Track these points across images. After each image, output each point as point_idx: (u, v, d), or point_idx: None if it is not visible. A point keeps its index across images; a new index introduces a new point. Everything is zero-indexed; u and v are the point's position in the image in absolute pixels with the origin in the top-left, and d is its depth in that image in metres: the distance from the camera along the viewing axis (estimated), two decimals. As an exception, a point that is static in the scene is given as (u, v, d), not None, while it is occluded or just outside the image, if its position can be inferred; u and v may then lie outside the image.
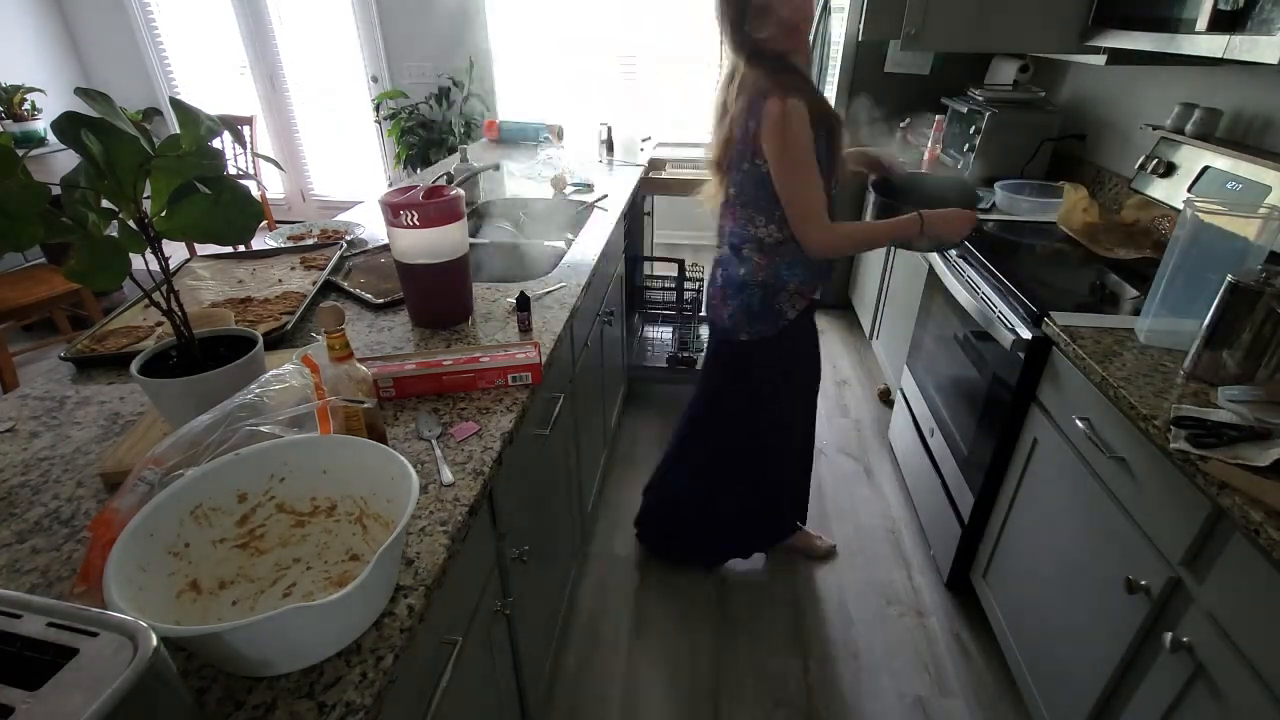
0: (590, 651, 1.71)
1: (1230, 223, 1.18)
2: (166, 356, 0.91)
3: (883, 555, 2.00)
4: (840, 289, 3.56)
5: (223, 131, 0.83)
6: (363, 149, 4.78)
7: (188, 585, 0.68)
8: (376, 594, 0.66)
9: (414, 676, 0.75)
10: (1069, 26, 1.93)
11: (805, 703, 1.58)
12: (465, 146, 2.30)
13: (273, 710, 0.59)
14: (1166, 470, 1.06)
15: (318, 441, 0.77)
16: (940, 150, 2.70)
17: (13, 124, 3.67)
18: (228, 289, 1.48)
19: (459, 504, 0.85)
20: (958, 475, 1.78)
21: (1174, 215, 1.77)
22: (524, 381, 1.11)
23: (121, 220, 0.77)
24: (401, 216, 1.18)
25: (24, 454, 0.96)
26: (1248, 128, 1.72)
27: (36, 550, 0.78)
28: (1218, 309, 1.11)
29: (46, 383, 1.14)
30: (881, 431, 2.58)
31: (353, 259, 1.68)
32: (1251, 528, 0.87)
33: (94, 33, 4.41)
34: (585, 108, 4.38)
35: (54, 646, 0.46)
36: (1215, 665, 0.95)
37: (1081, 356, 1.27)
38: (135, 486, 0.70)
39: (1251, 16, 1.24)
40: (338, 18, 4.32)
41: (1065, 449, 1.36)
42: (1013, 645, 1.54)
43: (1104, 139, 2.32)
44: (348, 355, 0.92)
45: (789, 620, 1.79)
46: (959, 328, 1.83)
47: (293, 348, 1.22)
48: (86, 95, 0.76)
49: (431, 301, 1.31)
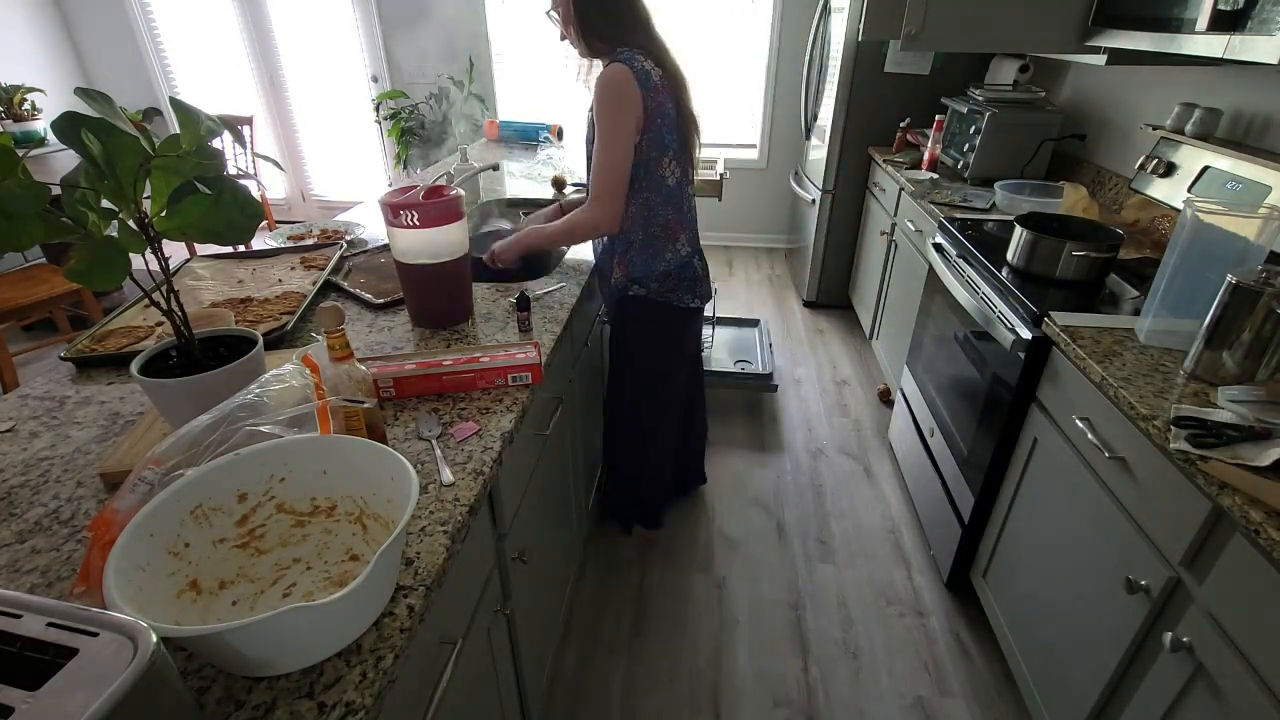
0: (590, 651, 1.71)
1: (1230, 223, 1.18)
2: (166, 356, 0.91)
3: (883, 555, 2.00)
4: (840, 289, 3.56)
5: (223, 131, 0.83)
6: (363, 149, 4.78)
7: (188, 585, 0.68)
8: (376, 594, 0.66)
9: (414, 676, 0.75)
10: (1069, 26, 1.94)
11: (805, 703, 1.58)
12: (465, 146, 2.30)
13: (273, 710, 0.60)
14: (1166, 470, 1.06)
15: (318, 441, 0.77)
16: (940, 150, 2.70)
17: (13, 124, 3.67)
18: (228, 289, 1.48)
19: (459, 504, 0.85)
20: (958, 475, 1.78)
21: (1174, 215, 1.77)
22: (524, 381, 1.11)
23: (121, 220, 0.77)
24: (401, 216, 1.18)
25: (24, 454, 0.96)
26: (1248, 128, 1.72)
27: (36, 550, 0.78)
28: (1218, 309, 1.11)
29: (46, 383, 1.14)
30: (881, 431, 2.58)
31: (353, 259, 1.68)
32: (1251, 528, 0.87)
33: (94, 33, 4.41)
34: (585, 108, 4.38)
35: (54, 646, 0.46)
36: (1215, 665, 0.95)
37: (1081, 356, 1.27)
38: (135, 486, 0.70)
39: (1251, 16, 1.24)
40: (338, 18, 4.32)
41: (1065, 449, 1.36)
42: (1013, 645, 1.54)
43: (1104, 139, 2.32)
44: (348, 355, 0.92)
45: (789, 620, 1.79)
46: (959, 328, 1.83)
47: (293, 348, 1.22)
48: (86, 95, 0.76)
49: (431, 301, 1.31)
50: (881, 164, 2.92)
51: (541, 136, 2.99)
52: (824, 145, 3.24)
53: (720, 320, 3.04)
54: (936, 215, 2.15)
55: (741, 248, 4.61)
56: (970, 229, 1.97)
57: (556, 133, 3.08)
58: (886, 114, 3.07)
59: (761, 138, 4.27)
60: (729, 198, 4.37)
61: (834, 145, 3.18)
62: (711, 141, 4.35)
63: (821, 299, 3.62)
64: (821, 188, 3.30)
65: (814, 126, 3.51)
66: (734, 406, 2.74)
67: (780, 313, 3.61)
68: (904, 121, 3.00)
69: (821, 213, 3.35)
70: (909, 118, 3.00)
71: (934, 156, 2.70)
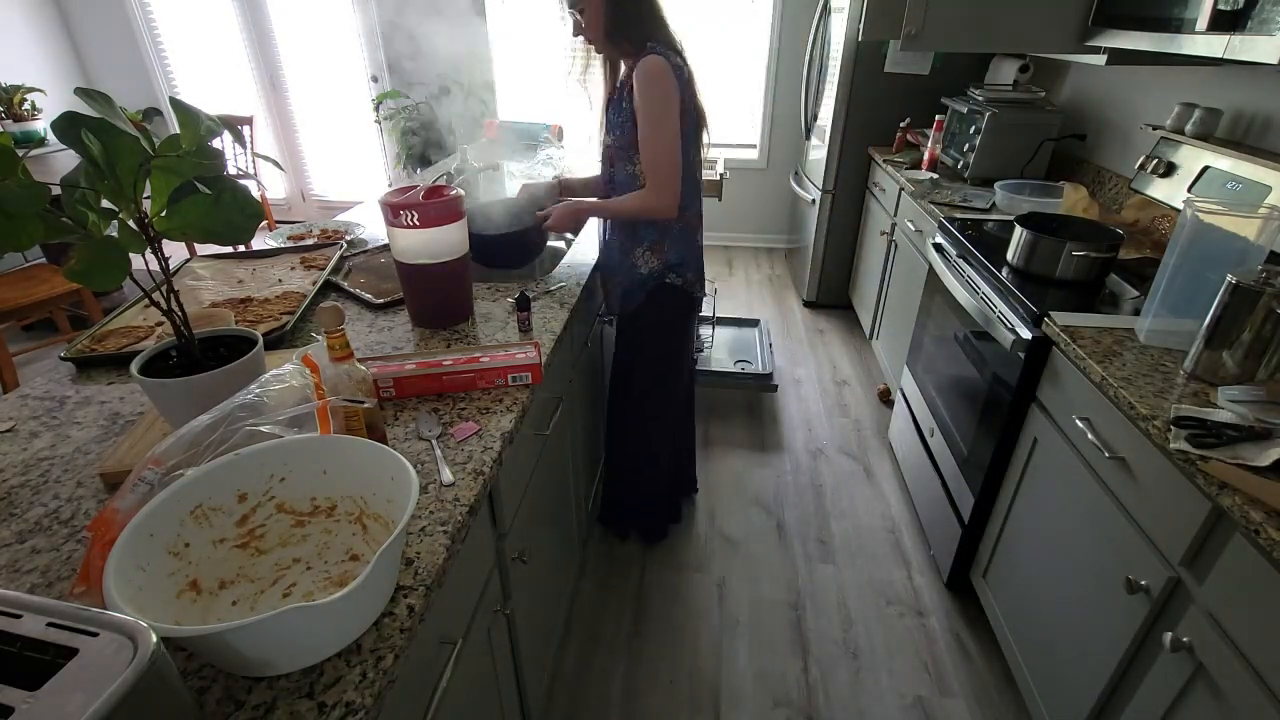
0: (590, 651, 1.71)
1: (1230, 223, 1.18)
2: (166, 356, 0.91)
3: (883, 555, 2.00)
4: (840, 289, 3.56)
5: (223, 131, 0.83)
6: (363, 149, 4.78)
7: (188, 585, 0.68)
8: (376, 594, 0.66)
9: (414, 676, 0.75)
10: (1069, 26, 1.94)
11: (805, 703, 1.58)
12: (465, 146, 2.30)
13: (273, 710, 0.59)
14: (1166, 470, 1.06)
15: (318, 441, 0.77)
16: (940, 150, 2.70)
17: (13, 124, 3.67)
18: (228, 289, 1.48)
19: (459, 504, 0.85)
20: (958, 475, 1.78)
21: (1174, 215, 1.77)
22: (524, 381, 1.11)
23: (121, 220, 0.77)
24: (401, 216, 1.18)
25: (24, 454, 0.96)
26: (1248, 128, 1.72)
27: (36, 550, 0.78)
28: (1218, 309, 1.11)
29: (46, 383, 1.14)
30: (881, 431, 2.58)
31: (353, 259, 1.68)
32: (1251, 528, 0.87)
33: (94, 33, 4.41)
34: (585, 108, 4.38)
35: (54, 646, 0.46)
36: (1215, 665, 0.95)
37: (1081, 356, 1.27)
38: (135, 486, 0.70)
39: (1251, 16, 1.24)
40: (338, 18, 4.32)
41: (1065, 449, 1.36)
42: (1013, 645, 1.54)
43: (1104, 139, 2.32)
44: (348, 355, 0.92)
45: (789, 620, 1.79)
46: (959, 328, 1.83)
47: (293, 348, 1.22)
48: (86, 95, 0.76)
49: (431, 301, 1.31)
50: (881, 164, 2.92)
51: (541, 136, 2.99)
52: (824, 145, 3.24)
53: (720, 320, 3.04)
54: (936, 215, 2.15)
55: (741, 248, 4.61)
56: (970, 229, 1.97)
57: (557, 133, 3.07)
58: (886, 114, 3.07)
59: (761, 138, 4.27)
60: (729, 198, 4.36)
61: (834, 145, 3.18)
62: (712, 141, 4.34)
63: (821, 299, 3.62)
64: (821, 188, 3.30)
65: (814, 126, 3.51)
66: (734, 406, 2.74)
67: (780, 313, 3.61)
68: (904, 121, 3.00)
69: (821, 213, 3.35)
70: (909, 118, 3.00)
71: (934, 156, 2.70)
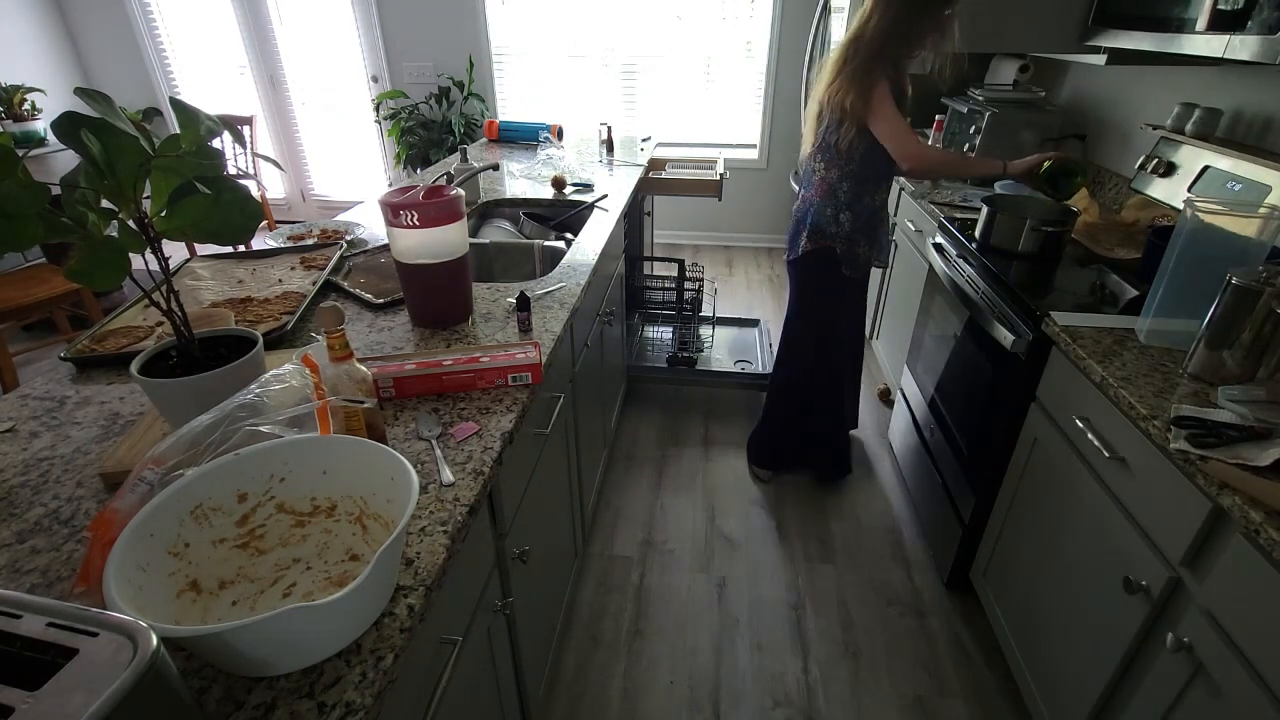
0: (590, 651, 1.71)
1: (1230, 222, 1.18)
2: (166, 356, 0.91)
3: (883, 555, 2.00)
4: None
5: (223, 131, 0.83)
6: (363, 149, 4.78)
7: (188, 585, 0.68)
8: (376, 594, 0.66)
9: (414, 676, 0.75)
10: (1069, 26, 1.94)
11: (805, 703, 1.58)
12: (465, 146, 2.30)
13: (273, 710, 0.60)
14: (1166, 470, 1.06)
15: (318, 441, 0.77)
16: (940, 150, 2.70)
17: (13, 124, 3.67)
18: (228, 289, 1.48)
19: (459, 504, 0.85)
20: (958, 475, 1.78)
21: (1174, 215, 1.77)
22: (524, 381, 1.11)
23: (121, 220, 0.77)
24: (401, 216, 1.18)
25: (24, 454, 0.96)
26: (1248, 128, 1.72)
27: (36, 550, 0.78)
28: (1218, 309, 1.11)
29: (46, 383, 1.14)
30: (881, 431, 2.58)
31: (353, 259, 1.68)
32: (1251, 528, 0.87)
33: (94, 33, 4.41)
34: (585, 108, 4.38)
35: (54, 646, 0.46)
36: (1215, 665, 0.95)
37: (1081, 356, 1.27)
38: (135, 486, 0.70)
39: (1251, 16, 1.24)
40: (338, 18, 4.32)
41: (1065, 449, 1.36)
42: (1013, 645, 1.54)
43: (1104, 139, 2.32)
44: (348, 355, 0.92)
45: (789, 620, 1.79)
46: (959, 328, 1.83)
47: (293, 348, 1.22)
48: (86, 95, 0.76)
49: (431, 301, 1.30)
50: (881, 164, 2.92)
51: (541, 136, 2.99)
52: (824, 145, 3.23)
53: (720, 320, 3.04)
54: (936, 215, 2.15)
55: (741, 248, 4.61)
56: (970, 229, 1.97)
57: (556, 133, 3.07)
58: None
59: (761, 138, 4.27)
60: (729, 198, 4.36)
61: (834, 145, 3.17)
62: (711, 141, 4.35)
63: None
64: (821, 188, 3.29)
65: (814, 126, 3.51)
66: (734, 406, 2.74)
67: (780, 313, 3.61)
68: (904, 121, 2.99)
69: (821, 213, 3.34)
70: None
71: (934, 156, 2.70)
